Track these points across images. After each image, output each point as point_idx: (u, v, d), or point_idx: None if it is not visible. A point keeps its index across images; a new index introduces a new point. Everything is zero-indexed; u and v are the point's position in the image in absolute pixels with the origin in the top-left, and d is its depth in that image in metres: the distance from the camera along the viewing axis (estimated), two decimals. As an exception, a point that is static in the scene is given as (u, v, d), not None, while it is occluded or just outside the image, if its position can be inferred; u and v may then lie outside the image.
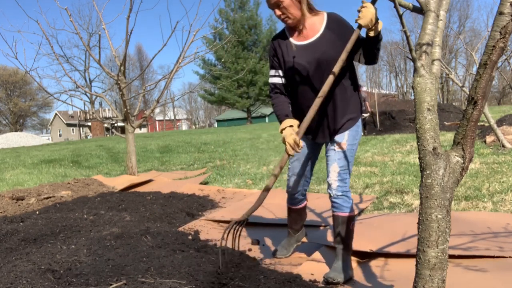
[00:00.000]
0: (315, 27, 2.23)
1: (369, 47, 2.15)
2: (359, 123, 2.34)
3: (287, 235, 2.76)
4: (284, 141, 2.14)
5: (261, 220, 3.61)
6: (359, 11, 2.02)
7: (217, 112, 60.95)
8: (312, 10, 2.23)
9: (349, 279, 2.21)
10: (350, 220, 2.30)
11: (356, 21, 2.04)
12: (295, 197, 2.59)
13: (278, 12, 2.18)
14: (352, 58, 2.24)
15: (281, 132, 2.19)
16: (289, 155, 2.14)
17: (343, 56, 2.10)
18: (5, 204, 4.24)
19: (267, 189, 2.24)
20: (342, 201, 2.28)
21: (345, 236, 2.28)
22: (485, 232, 2.76)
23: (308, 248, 2.84)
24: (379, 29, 2.07)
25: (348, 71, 2.26)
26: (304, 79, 2.24)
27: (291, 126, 2.17)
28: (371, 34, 2.06)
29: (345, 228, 2.28)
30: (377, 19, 2.04)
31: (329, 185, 2.30)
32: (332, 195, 2.28)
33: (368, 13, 2.00)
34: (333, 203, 2.30)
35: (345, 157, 2.27)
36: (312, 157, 2.46)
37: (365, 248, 2.57)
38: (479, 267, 2.19)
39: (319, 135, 2.33)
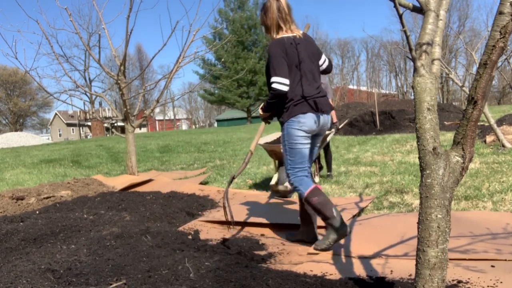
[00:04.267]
0: None
1: None
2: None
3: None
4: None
5: (262, 220, 3.61)
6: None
7: (217, 112, 60.93)
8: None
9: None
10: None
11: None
12: None
13: None
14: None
15: None
16: None
17: None
18: (5, 204, 4.24)
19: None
20: None
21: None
22: (483, 234, 2.76)
23: (308, 248, 2.84)
24: (263, 115, 2.90)
25: None
26: None
27: None
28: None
29: None
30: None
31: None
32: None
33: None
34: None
35: None
36: None
37: (367, 252, 2.58)
38: (479, 267, 2.19)
39: None
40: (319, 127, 2.70)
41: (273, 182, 4.55)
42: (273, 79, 2.62)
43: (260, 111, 2.90)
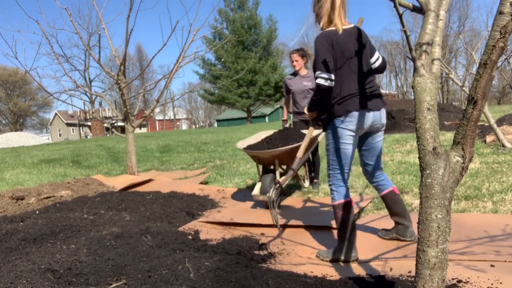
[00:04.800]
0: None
1: None
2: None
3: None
4: None
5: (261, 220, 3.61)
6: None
7: (217, 111, 60.92)
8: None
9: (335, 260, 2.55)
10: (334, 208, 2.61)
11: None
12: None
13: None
14: None
15: None
16: None
17: None
18: (5, 204, 4.24)
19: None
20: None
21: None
22: (482, 237, 2.74)
23: (308, 248, 2.84)
24: (310, 115, 2.81)
25: None
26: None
27: None
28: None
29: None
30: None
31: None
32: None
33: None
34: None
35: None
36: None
37: (366, 257, 2.59)
38: (479, 267, 2.19)
39: None
40: (367, 125, 2.55)
41: (255, 191, 4.02)
42: (317, 74, 2.50)
43: (306, 111, 2.81)
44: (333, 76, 2.49)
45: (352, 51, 2.54)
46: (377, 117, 2.59)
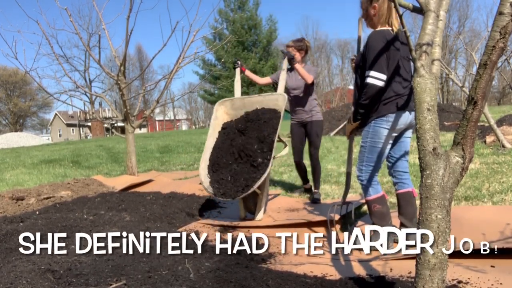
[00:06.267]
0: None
1: None
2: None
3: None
4: None
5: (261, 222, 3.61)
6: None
7: (217, 112, 60.79)
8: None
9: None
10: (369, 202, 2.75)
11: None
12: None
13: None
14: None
15: None
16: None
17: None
18: (5, 204, 4.24)
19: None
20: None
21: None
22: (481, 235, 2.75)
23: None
24: (352, 126, 2.80)
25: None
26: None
27: None
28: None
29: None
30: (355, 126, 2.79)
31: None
32: None
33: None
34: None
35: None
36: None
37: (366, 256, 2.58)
38: (479, 268, 2.18)
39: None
40: (406, 125, 2.66)
41: (242, 215, 3.77)
42: (368, 73, 2.53)
43: (348, 125, 2.82)
44: (385, 77, 2.52)
45: (402, 52, 2.58)
46: (414, 117, 2.69)
